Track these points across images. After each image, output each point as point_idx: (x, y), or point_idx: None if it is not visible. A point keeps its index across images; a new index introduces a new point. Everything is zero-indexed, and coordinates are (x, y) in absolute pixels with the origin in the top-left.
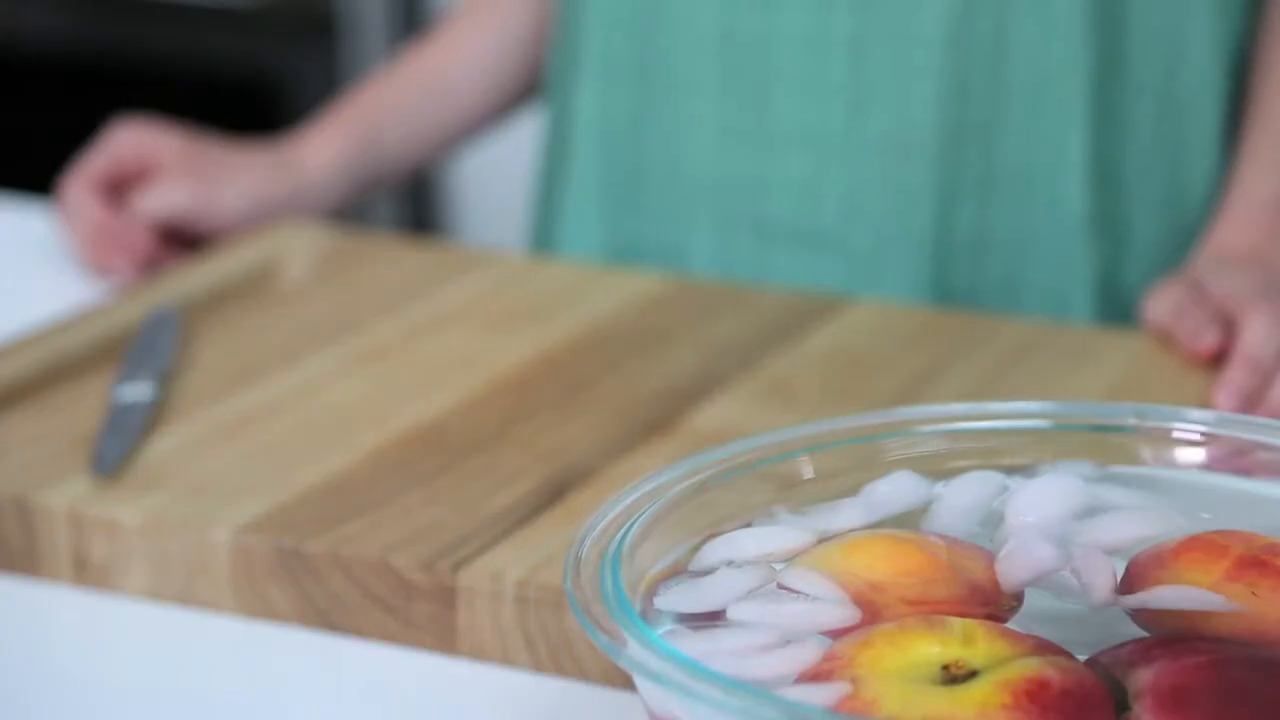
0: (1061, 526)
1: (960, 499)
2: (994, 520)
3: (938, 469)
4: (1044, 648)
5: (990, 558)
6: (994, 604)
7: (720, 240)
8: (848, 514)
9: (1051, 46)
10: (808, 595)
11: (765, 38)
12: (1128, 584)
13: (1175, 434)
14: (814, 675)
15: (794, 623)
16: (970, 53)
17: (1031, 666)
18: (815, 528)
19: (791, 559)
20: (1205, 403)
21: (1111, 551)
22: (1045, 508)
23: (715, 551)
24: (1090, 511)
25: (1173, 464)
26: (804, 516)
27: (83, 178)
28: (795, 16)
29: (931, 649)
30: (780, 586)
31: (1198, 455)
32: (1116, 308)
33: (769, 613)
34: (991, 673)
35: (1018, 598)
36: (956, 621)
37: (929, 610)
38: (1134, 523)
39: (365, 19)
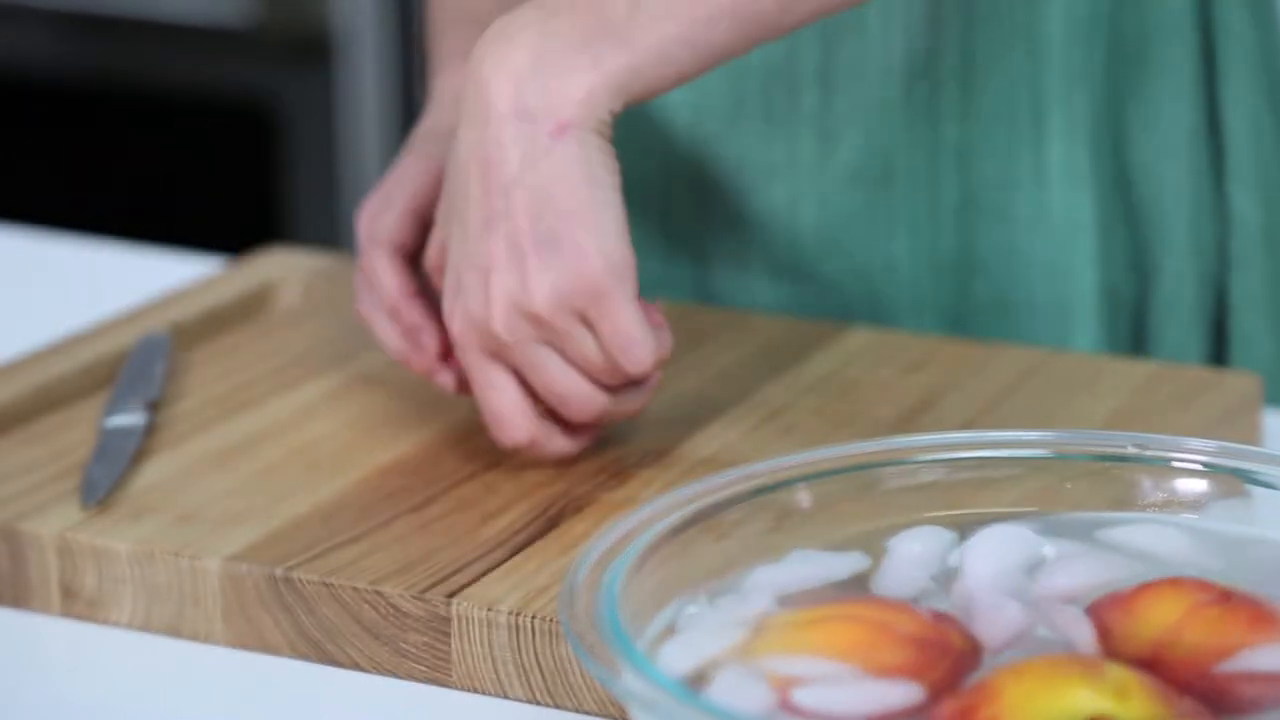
0: (1014, 579)
1: (908, 553)
2: (948, 576)
3: (933, 499)
4: (1199, 714)
5: (913, 609)
6: (951, 656)
7: (701, 273)
8: (753, 600)
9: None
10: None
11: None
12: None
13: (1175, 463)
14: (963, 711)
15: (862, 707)
16: (938, 76)
17: None
18: (738, 620)
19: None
20: (1208, 431)
21: (1070, 600)
22: (996, 560)
23: (678, 658)
24: (1038, 563)
25: (1169, 496)
26: (717, 610)
27: (383, 242)
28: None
29: (1083, 695)
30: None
31: (1197, 485)
32: (1124, 327)
33: (831, 699)
34: None
35: (978, 648)
36: (1114, 669)
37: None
38: (1086, 569)
39: (361, 40)
